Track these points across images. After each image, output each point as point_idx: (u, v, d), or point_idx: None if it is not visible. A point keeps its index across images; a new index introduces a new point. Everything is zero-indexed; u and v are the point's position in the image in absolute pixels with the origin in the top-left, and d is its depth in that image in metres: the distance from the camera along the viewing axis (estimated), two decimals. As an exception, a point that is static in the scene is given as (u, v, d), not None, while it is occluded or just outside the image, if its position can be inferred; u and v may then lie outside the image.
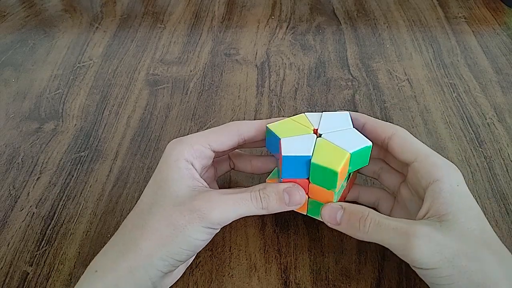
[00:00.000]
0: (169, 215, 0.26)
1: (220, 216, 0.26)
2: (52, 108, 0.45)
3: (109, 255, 0.26)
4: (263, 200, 0.28)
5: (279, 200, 0.28)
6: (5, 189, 0.37)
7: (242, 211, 0.27)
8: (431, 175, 0.27)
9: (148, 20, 0.58)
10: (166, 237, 0.25)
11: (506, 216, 0.34)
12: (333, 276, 0.30)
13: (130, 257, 0.25)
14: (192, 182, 0.28)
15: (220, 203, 0.26)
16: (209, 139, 0.29)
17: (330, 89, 0.46)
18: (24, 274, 0.31)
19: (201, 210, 0.26)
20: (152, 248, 0.25)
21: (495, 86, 0.46)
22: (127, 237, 0.26)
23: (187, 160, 0.28)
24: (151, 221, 0.26)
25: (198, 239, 0.26)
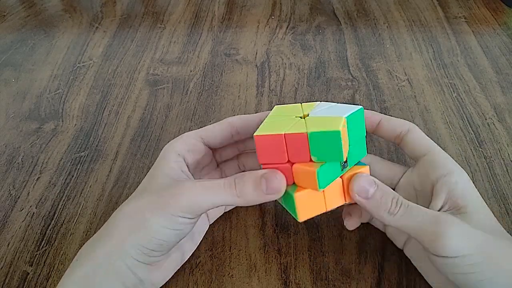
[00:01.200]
0: (141, 203, 0.26)
1: (187, 204, 0.25)
2: (52, 108, 0.45)
3: (89, 244, 0.27)
4: (238, 186, 0.26)
5: (256, 187, 0.25)
6: (5, 189, 0.37)
7: (214, 198, 0.26)
8: (445, 166, 0.28)
9: (148, 20, 0.58)
10: (135, 224, 0.26)
11: (506, 216, 0.34)
12: (333, 276, 0.31)
13: (107, 243, 0.26)
14: (178, 175, 0.28)
15: (189, 190, 0.26)
16: (200, 132, 0.30)
17: (330, 89, 0.46)
18: (24, 274, 0.31)
19: (169, 197, 0.26)
20: (122, 235, 0.25)
21: (495, 86, 0.46)
22: (107, 226, 0.27)
23: (178, 153, 0.29)
24: (126, 210, 0.27)
25: (168, 228, 0.26)
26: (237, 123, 0.31)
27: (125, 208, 0.27)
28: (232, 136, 0.31)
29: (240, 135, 0.31)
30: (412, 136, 0.30)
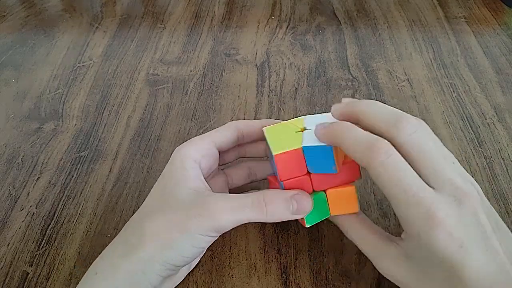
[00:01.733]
0: (170, 219, 0.26)
1: (216, 224, 0.26)
2: (52, 108, 0.45)
3: (110, 258, 0.26)
4: (268, 207, 0.26)
5: (285, 207, 0.27)
6: (5, 189, 0.37)
7: (242, 217, 0.26)
8: None
9: (148, 20, 0.58)
10: (162, 245, 0.25)
11: (506, 216, 0.34)
12: (333, 276, 0.31)
13: (130, 260, 0.25)
14: (196, 184, 0.27)
15: (217, 209, 0.26)
16: (211, 137, 0.30)
17: (330, 89, 0.46)
18: (24, 274, 0.31)
19: (197, 217, 0.26)
20: (151, 252, 0.25)
21: (495, 86, 0.46)
22: (127, 241, 0.26)
23: (194, 159, 0.28)
24: (152, 225, 0.26)
25: (196, 247, 0.26)
26: (243, 127, 0.31)
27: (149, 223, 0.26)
28: (238, 140, 0.31)
29: (244, 139, 0.32)
30: None
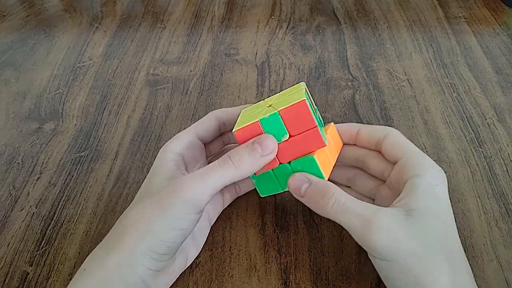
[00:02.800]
0: (144, 207, 0.26)
1: (190, 196, 0.26)
2: (52, 108, 0.45)
3: (97, 253, 0.26)
4: (233, 159, 0.27)
5: (250, 152, 0.27)
6: (5, 189, 0.37)
7: (214, 180, 0.26)
8: (413, 170, 0.27)
9: (148, 20, 0.58)
10: (141, 232, 0.25)
11: (506, 216, 0.34)
12: (333, 276, 0.30)
13: (115, 254, 0.25)
14: (174, 174, 0.28)
15: (188, 182, 0.26)
16: (193, 129, 0.31)
17: (330, 89, 0.46)
18: (24, 274, 0.31)
19: (170, 195, 0.26)
20: (132, 243, 0.25)
21: (495, 86, 0.46)
22: (113, 235, 0.27)
23: (176, 152, 0.29)
24: (130, 216, 0.26)
25: (176, 228, 0.26)
26: (223, 115, 0.32)
27: (129, 214, 0.27)
28: (220, 129, 0.32)
29: (226, 126, 0.32)
30: (389, 141, 0.30)
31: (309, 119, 0.27)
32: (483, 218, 0.34)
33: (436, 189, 0.27)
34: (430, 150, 0.39)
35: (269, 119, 0.27)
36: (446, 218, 0.26)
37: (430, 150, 0.39)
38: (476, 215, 0.34)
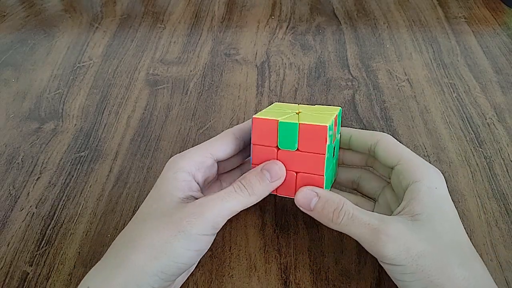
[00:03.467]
0: (159, 228, 0.25)
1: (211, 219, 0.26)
2: (52, 108, 0.45)
3: (102, 270, 0.25)
4: (247, 186, 0.27)
5: (261, 179, 0.28)
6: (5, 189, 0.37)
7: (232, 206, 0.27)
8: (411, 176, 0.28)
9: (148, 20, 0.58)
10: (156, 252, 0.25)
11: (506, 216, 0.34)
12: (333, 276, 0.31)
13: (122, 273, 0.24)
14: (186, 195, 0.27)
15: (208, 206, 0.26)
16: (208, 148, 0.30)
17: (330, 89, 0.46)
18: (24, 274, 0.31)
19: (190, 217, 0.25)
20: (142, 263, 0.24)
21: (495, 86, 0.46)
22: (119, 252, 0.26)
23: (188, 172, 0.28)
24: (142, 235, 0.26)
25: (189, 249, 0.26)
26: (241, 134, 0.31)
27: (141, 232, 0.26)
28: (239, 147, 0.31)
29: (245, 144, 0.32)
30: (382, 147, 0.30)
31: (322, 145, 0.27)
32: (483, 218, 0.34)
33: (436, 191, 0.27)
34: (430, 150, 0.39)
35: (288, 125, 0.28)
36: (451, 217, 0.27)
37: (430, 150, 0.39)
38: (476, 215, 0.34)
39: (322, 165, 0.28)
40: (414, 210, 0.26)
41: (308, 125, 0.27)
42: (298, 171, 0.29)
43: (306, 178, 0.28)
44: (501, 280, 0.30)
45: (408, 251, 0.24)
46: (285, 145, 0.28)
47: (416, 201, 0.26)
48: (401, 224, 0.25)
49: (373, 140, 0.30)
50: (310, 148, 0.28)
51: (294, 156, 0.28)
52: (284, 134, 0.28)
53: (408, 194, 0.27)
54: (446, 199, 0.27)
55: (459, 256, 0.25)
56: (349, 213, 0.26)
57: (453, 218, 0.27)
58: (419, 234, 0.25)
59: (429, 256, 0.24)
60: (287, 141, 0.28)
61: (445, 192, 0.28)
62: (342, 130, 0.33)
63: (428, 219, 0.26)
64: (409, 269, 0.24)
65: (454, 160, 0.38)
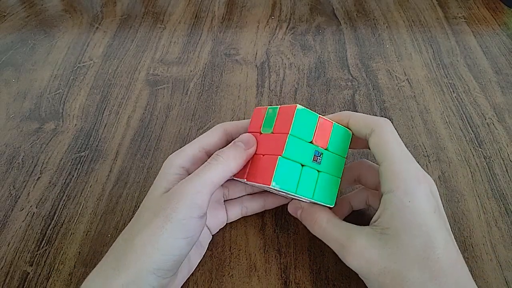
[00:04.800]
0: (149, 223, 0.26)
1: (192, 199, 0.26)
2: (52, 108, 0.45)
3: (102, 272, 0.25)
4: (222, 155, 0.28)
5: (235, 147, 0.29)
6: (5, 189, 0.37)
7: (210, 177, 0.27)
8: (388, 184, 0.26)
9: (148, 20, 0.58)
10: (150, 248, 0.25)
11: (506, 216, 0.34)
12: (333, 276, 0.31)
13: (121, 273, 0.24)
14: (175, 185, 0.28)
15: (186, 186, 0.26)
16: (199, 142, 0.31)
17: (330, 89, 0.46)
18: (24, 274, 0.31)
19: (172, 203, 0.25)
20: (139, 261, 0.25)
21: (495, 86, 0.46)
22: (117, 253, 0.26)
23: (181, 166, 0.29)
24: (136, 234, 0.26)
25: (179, 237, 0.25)
26: (230, 129, 0.32)
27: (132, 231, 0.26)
28: (228, 141, 0.31)
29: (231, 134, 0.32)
30: (372, 141, 0.28)
31: (289, 124, 0.27)
32: (482, 218, 0.34)
33: (410, 205, 0.25)
34: (430, 150, 0.39)
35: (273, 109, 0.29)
36: (424, 231, 0.25)
37: (429, 150, 0.39)
38: (476, 215, 0.34)
39: (282, 144, 0.27)
40: (384, 223, 0.26)
41: (284, 106, 0.28)
42: (266, 153, 0.28)
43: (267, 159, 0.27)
44: (501, 280, 0.30)
45: (369, 268, 0.25)
46: (265, 128, 0.29)
47: (387, 214, 0.26)
48: (367, 239, 0.26)
49: (368, 129, 0.28)
50: (281, 129, 0.28)
51: (268, 139, 0.29)
52: (268, 118, 0.29)
53: (382, 203, 0.26)
54: (421, 212, 0.25)
55: (425, 273, 0.24)
56: (320, 226, 0.29)
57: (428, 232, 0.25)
58: (383, 250, 0.25)
59: (389, 274, 0.24)
60: (268, 124, 0.29)
61: (418, 205, 0.25)
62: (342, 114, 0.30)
63: (395, 234, 0.25)
64: (372, 284, 0.26)
65: (454, 160, 0.38)
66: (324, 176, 0.28)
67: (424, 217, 0.25)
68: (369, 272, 0.25)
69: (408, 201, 0.25)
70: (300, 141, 0.27)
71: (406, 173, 0.26)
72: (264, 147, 0.29)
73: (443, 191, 0.36)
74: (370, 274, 0.25)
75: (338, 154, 0.29)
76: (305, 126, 0.27)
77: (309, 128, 0.28)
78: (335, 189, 0.29)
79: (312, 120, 0.28)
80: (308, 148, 0.27)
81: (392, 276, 0.24)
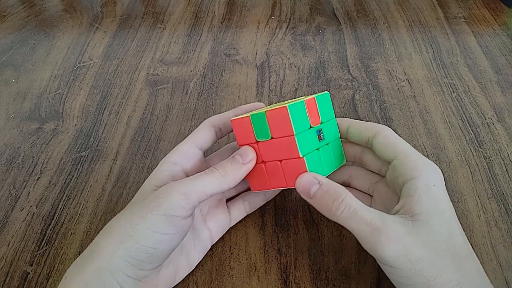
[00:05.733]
0: (130, 212, 0.26)
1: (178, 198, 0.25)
2: (53, 108, 0.45)
3: (78, 261, 0.25)
4: (220, 169, 0.28)
5: (233, 163, 0.28)
6: (5, 189, 0.37)
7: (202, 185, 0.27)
8: (409, 173, 0.27)
9: (148, 20, 0.58)
10: (124, 235, 0.25)
11: (506, 216, 0.34)
12: (333, 276, 0.31)
13: (94, 260, 0.24)
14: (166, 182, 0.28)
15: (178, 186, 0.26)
16: (191, 139, 0.31)
17: (330, 89, 0.46)
18: (24, 274, 0.31)
19: (159, 197, 0.25)
20: (111, 247, 0.24)
21: (495, 86, 0.46)
22: (95, 242, 0.26)
23: (174, 163, 0.29)
24: (114, 222, 0.26)
25: (158, 231, 0.25)
26: (217, 122, 0.32)
27: (113, 221, 0.26)
28: (216, 135, 0.32)
29: (222, 132, 0.33)
30: (379, 141, 0.29)
31: (289, 126, 0.27)
32: (482, 218, 0.34)
33: (434, 189, 0.26)
34: (430, 150, 0.39)
35: (257, 116, 0.29)
36: (448, 217, 0.26)
37: (429, 150, 0.39)
38: (476, 215, 0.34)
39: (295, 147, 0.27)
40: (413, 209, 0.25)
41: (272, 110, 0.28)
42: (280, 158, 0.29)
43: (289, 163, 0.28)
44: (501, 280, 0.30)
45: (407, 255, 0.24)
46: (260, 136, 0.29)
47: (414, 200, 0.26)
48: (401, 225, 0.25)
49: (372, 132, 0.30)
50: (281, 132, 0.28)
51: (273, 145, 0.29)
52: (257, 126, 0.29)
53: (405, 192, 0.27)
54: (443, 197, 0.27)
55: (454, 260, 0.25)
56: (350, 206, 0.25)
57: (450, 218, 0.26)
58: (418, 237, 0.25)
59: (426, 261, 0.24)
60: (261, 131, 0.29)
61: (442, 190, 0.27)
62: (341, 120, 0.32)
63: (427, 220, 0.25)
64: (407, 272, 0.24)
65: (454, 160, 0.38)
66: (331, 144, 0.31)
67: (447, 201, 0.27)
68: (405, 260, 0.24)
69: (433, 185, 0.26)
70: (304, 133, 0.28)
71: (423, 162, 0.28)
72: (271, 153, 0.29)
73: (443, 191, 0.36)
74: (407, 262, 0.24)
75: (330, 119, 0.31)
76: (300, 118, 0.28)
77: (303, 117, 0.29)
78: (341, 148, 0.32)
79: (302, 109, 0.29)
80: (311, 133, 0.29)
81: (429, 264, 0.24)
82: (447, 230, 0.25)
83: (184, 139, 0.31)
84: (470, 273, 0.25)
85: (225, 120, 0.32)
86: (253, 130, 0.29)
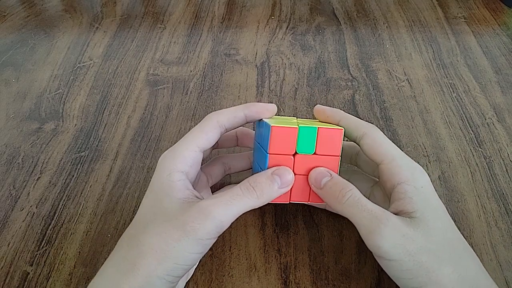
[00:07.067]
0: (162, 231, 0.25)
1: (215, 224, 0.25)
2: (52, 108, 0.45)
3: (109, 276, 0.25)
4: (256, 188, 0.27)
5: (271, 183, 0.27)
6: (5, 189, 0.37)
7: (238, 209, 0.26)
8: (395, 178, 0.27)
9: (148, 20, 0.58)
10: (161, 255, 0.25)
11: (506, 216, 0.34)
12: (333, 276, 0.31)
13: (129, 278, 0.24)
14: (185, 194, 0.27)
15: (213, 210, 0.25)
16: (195, 141, 0.29)
17: (330, 89, 0.46)
18: (24, 274, 0.31)
19: (194, 221, 0.25)
20: (149, 267, 0.24)
21: (495, 86, 0.46)
22: (126, 257, 0.26)
23: (181, 171, 0.28)
24: (146, 239, 0.25)
25: (194, 252, 0.25)
26: (225, 123, 0.30)
27: (147, 238, 0.26)
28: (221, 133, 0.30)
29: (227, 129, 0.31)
30: (366, 142, 0.29)
31: (337, 147, 0.28)
32: (482, 218, 0.34)
33: (423, 190, 0.27)
34: (430, 150, 0.39)
35: (308, 130, 0.28)
36: (441, 214, 0.27)
37: (429, 150, 0.39)
38: (476, 215, 0.34)
39: (336, 167, 0.29)
40: (407, 209, 0.26)
41: (325, 129, 0.28)
42: None
43: None
44: (501, 280, 0.30)
45: (405, 245, 0.24)
46: (303, 149, 0.28)
47: (405, 201, 0.26)
48: (400, 219, 0.25)
49: (360, 131, 0.30)
50: (327, 151, 0.28)
51: (311, 161, 0.29)
52: (303, 139, 0.28)
53: (395, 196, 0.27)
54: (433, 196, 0.27)
55: (453, 253, 0.25)
56: (355, 196, 0.27)
57: (443, 215, 0.27)
58: (417, 231, 0.25)
59: (426, 253, 0.24)
60: (306, 145, 0.28)
61: (430, 190, 0.28)
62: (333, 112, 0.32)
63: (422, 216, 0.26)
64: (406, 265, 0.24)
65: (454, 160, 0.38)
66: None
67: (436, 201, 0.27)
68: (404, 251, 0.24)
69: (421, 187, 0.27)
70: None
71: (409, 166, 0.28)
72: (305, 167, 0.29)
73: (443, 191, 0.36)
74: (406, 253, 0.24)
75: None
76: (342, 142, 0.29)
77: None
78: None
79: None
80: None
81: (428, 256, 0.24)
82: (443, 225, 0.26)
83: (188, 138, 0.29)
84: (470, 266, 0.25)
85: (234, 121, 0.30)
86: (296, 142, 0.28)
